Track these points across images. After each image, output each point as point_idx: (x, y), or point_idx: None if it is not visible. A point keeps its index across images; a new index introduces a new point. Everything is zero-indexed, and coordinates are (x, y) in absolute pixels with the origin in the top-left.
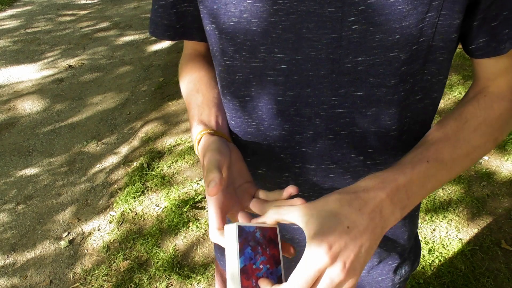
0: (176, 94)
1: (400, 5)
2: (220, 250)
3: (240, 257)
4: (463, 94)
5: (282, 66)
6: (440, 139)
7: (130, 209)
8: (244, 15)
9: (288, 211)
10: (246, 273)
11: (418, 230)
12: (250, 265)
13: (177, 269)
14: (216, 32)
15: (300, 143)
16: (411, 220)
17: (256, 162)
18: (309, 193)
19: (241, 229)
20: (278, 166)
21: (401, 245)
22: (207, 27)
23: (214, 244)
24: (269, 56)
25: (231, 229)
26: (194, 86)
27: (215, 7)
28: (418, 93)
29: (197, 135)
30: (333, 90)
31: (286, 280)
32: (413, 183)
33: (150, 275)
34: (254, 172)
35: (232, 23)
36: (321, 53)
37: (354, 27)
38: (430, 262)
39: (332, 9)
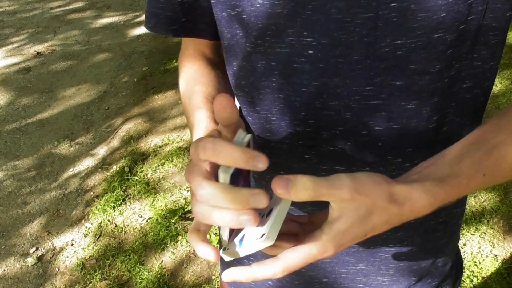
0: (162, 85)
1: None
2: (228, 266)
3: None
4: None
5: (309, 52)
6: (503, 141)
7: (109, 221)
8: None
9: (331, 188)
10: None
11: None
12: None
13: None
14: (236, 18)
15: (327, 141)
16: (453, 230)
17: (276, 164)
18: None
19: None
20: (302, 168)
21: (443, 260)
22: (224, 13)
23: (221, 259)
24: (297, 40)
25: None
26: (196, 80)
27: None
28: (466, 81)
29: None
30: (367, 79)
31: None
32: (453, 200)
33: None
34: (273, 175)
35: (258, 5)
36: (354, 35)
37: (392, 4)
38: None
39: None
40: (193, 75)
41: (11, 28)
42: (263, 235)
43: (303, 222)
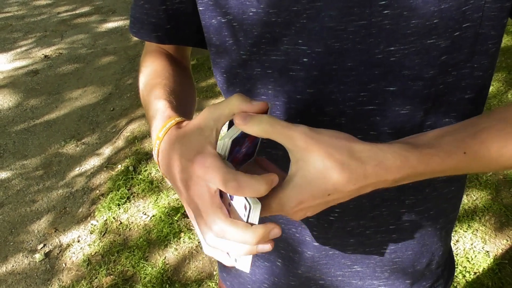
0: None
1: None
2: (226, 267)
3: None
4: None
5: (304, 59)
6: (493, 126)
7: (114, 218)
8: (262, 6)
9: (286, 127)
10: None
11: None
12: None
13: (167, 286)
14: (226, 26)
15: None
16: (447, 232)
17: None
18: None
19: (233, 141)
20: None
21: (436, 262)
22: (213, 20)
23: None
24: (293, 48)
25: (225, 145)
26: (156, 74)
27: None
28: (468, 91)
29: (166, 125)
30: (361, 85)
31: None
32: (428, 173)
33: None
34: None
35: (251, 14)
36: (348, 43)
37: (385, 12)
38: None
39: None
40: (153, 70)
41: (19, 32)
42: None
43: None
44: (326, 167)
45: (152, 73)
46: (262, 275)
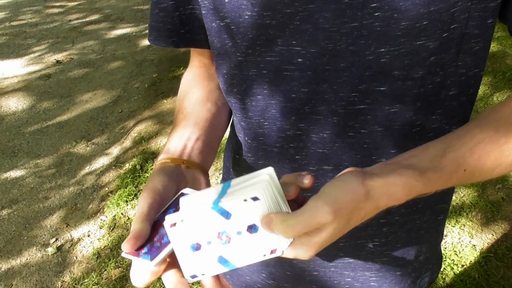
0: (171, 91)
1: None
2: None
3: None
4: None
5: (299, 60)
6: (487, 139)
7: (122, 214)
8: (256, 9)
9: (313, 224)
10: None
11: None
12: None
13: None
14: (224, 29)
15: (316, 144)
16: (437, 227)
17: (268, 166)
18: None
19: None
20: (293, 169)
21: (424, 254)
22: (213, 23)
23: None
24: (287, 49)
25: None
26: (182, 103)
27: (226, 0)
28: (452, 88)
29: (156, 164)
30: (352, 86)
31: None
32: (434, 190)
33: None
34: None
35: (246, 17)
36: (340, 44)
37: (376, 14)
38: (442, 270)
39: None
40: (184, 92)
41: (33, 39)
42: None
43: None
44: (349, 218)
45: (178, 103)
46: (259, 266)
